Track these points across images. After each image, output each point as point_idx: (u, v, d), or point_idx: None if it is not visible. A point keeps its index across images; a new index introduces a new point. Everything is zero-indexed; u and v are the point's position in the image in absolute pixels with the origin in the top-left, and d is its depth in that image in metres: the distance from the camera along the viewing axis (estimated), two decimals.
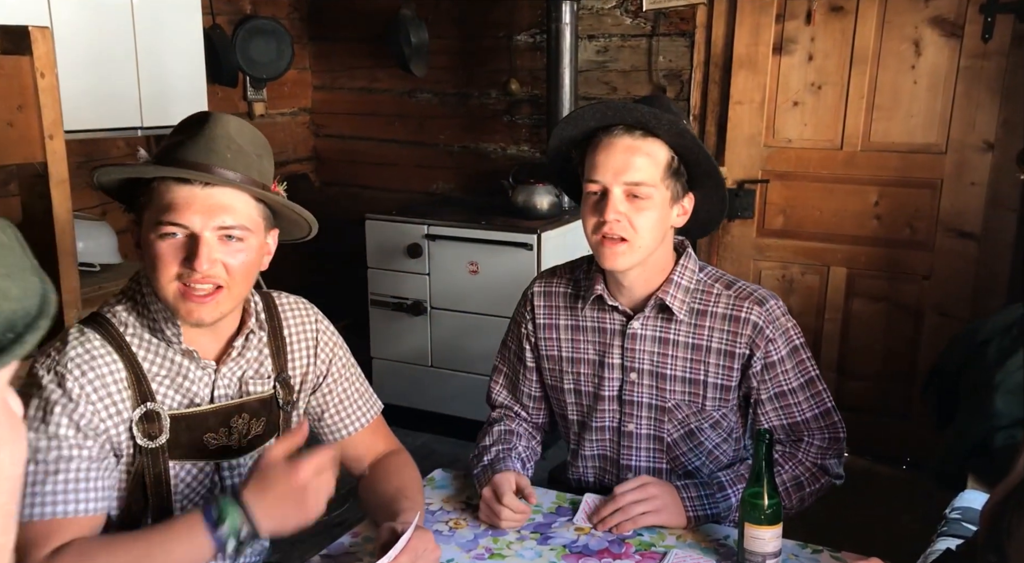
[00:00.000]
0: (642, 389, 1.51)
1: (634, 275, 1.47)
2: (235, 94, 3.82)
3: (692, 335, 1.48)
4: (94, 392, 1.16)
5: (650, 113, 1.38)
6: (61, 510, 1.12)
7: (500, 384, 1.68)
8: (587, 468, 1.61)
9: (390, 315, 3.48)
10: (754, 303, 1.46)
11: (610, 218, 1.39)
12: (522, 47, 3.68)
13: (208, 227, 1.16)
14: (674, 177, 1.43)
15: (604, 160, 1.40)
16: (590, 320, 1.54)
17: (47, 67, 1.95)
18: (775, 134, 3.26)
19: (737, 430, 1.57)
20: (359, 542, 1.37)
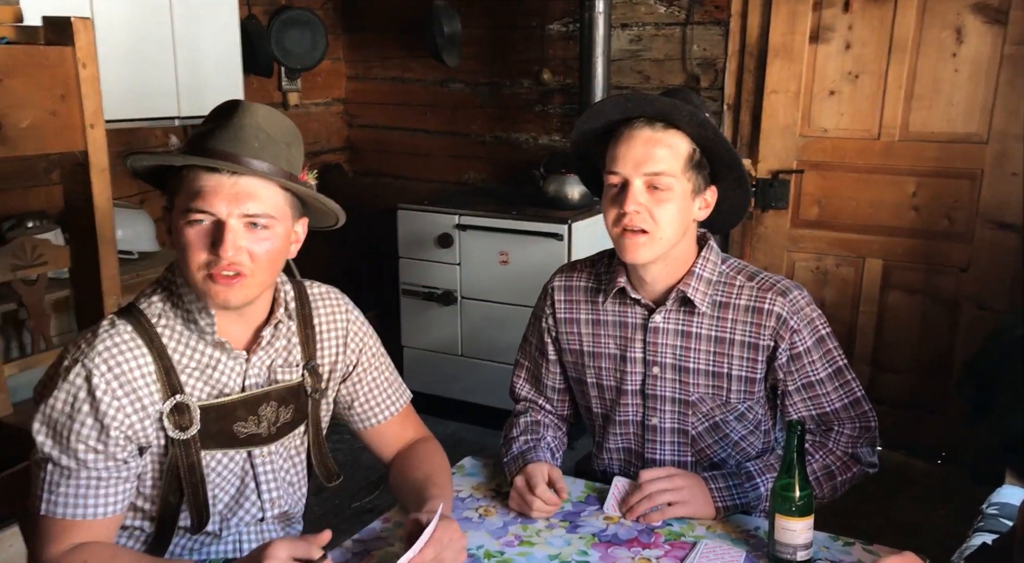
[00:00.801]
0: (665, 383, 1.51)
1: (656, 269, 1.46)
2: (270, 84, 3.86)
3: (715, 328, 1.47)
4: (120, 388, 1.18)
5: (671, 104, 1.37)
6: (72, 512, 1.17)
7: (522, 378, 1.68)
8: (612, 460, 1.62)
9: (421, 304, 3.50)
10: (777, 294, 1.45)
11: (630, 209, 1.38)
12: (555, 36, 3.67)
13: (233, 214, 1.17)
14: (696, 170, 1.41)
15: (624, 152, 1.39)
16: (611, 314, 1.54)
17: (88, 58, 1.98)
18: (810, 124, 3.22)
19: (766, 422, 1.56)
20: (390, 527, 1.38)
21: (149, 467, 1.25)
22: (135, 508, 1.28)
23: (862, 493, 1.58)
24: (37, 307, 2.64)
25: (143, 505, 1.27)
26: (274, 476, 1.35)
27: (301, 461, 1.41)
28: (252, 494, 1.34)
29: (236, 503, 1.33)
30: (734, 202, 1.51)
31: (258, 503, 1.34)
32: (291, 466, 1.39)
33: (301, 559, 1.10)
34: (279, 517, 1.39)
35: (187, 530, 1.29)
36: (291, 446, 1.38)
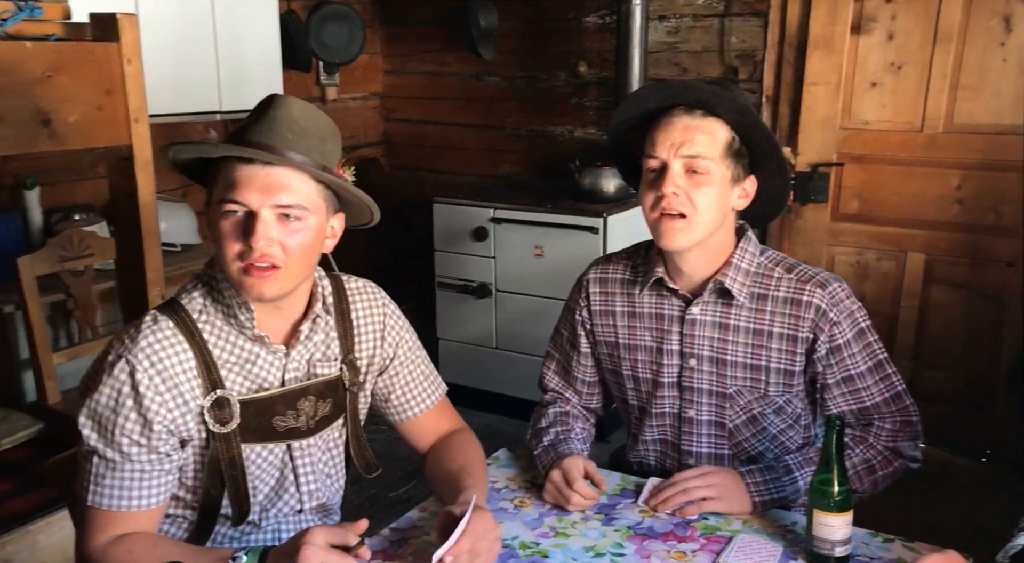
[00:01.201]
0: (702, 375, 1.50)
1: (694, 257, 1.45)
2: (309, 79, 3.90)
3: (753, 320, 1.46)
4: (162, 383, 1.21)
5: (710, 91, 1.37)
6: (116, 504, 1.21)
7: (552, 370, 1.68)
8: (648, 452, 1.61)
9: (456, 297, 3.52)
10: (816, 286, 1.43)
11: (667, 191, 1.38)
12: (591, 29, 3.65)
13: (266, 205, 1.18)
14: (735, 158, 1.40)
15: (663, 136, 1.39)
16: (647, 306, 1.53)
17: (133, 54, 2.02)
18: (851, 116, 3.16)
19: (805, 417, 1.54)
20: (426, 517, 1.40)
21: (191, 460, 1.27)
22: (178, 498, 1.30)
23: (903, 490, 1.55)
24: (84, 298, 2.71)
25: (185, 496, 1.30)
26: (312, 469, 1.37)
27: (339, 453, 1.43)
28: (291, 486, 1.36)
29: (275, 495, 1.35)
30: (773, 193, 1.49)
31: (296, 495, 1.36)
32: (329, 459, 1.40)
33: (338, 546, 1.12)
34: (317, 509, 1.41)
35: (228, 519, 1.32)
36: (329, 439, 1.39)
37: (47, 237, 2.73)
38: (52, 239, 2.61)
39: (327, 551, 1.09)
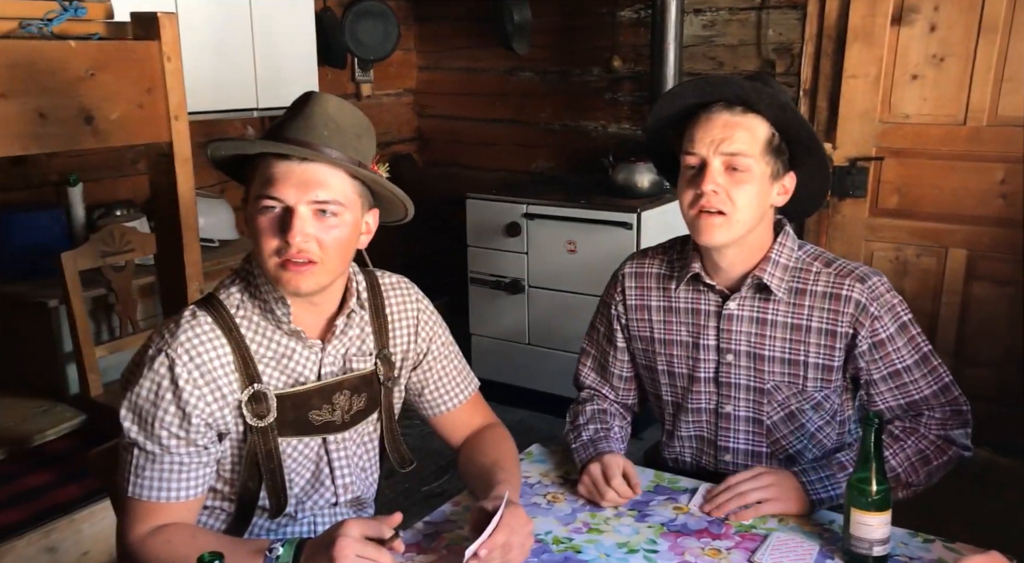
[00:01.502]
0: (739, 371, 1.49)
1: (732, 254, 1.44)
2: (343, 76, 3.93)
3: (791, 315, 1.44)
4: (201, 377, 1.23)
5: (750, 86, 1.35)
6: (156, 495, 1.23)
7: (588, 366, 1.67)
8: (684, 449, 1.60)
9: (489, 293, 3.53)
10: (855, 280, 1.42)
11: (707, 189, 1.36)
12: (625, 23, 3.63)
13: (302, 201, 1.19)
14: (774, 154, 1.39)
15: (703, 133, 1.38)
16: (683, 301, 1.52)
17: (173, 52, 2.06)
18: (891, 109, 3.11)
19: (842, 413, 1.52)
20: (459, 511, 1.40)
21: (228, 452, 1.29)
22: (215, 491, 1.33)
23: (944, 489, 1.52)
24: (125, 292, 2.76)
25: (223, 488, 1.32)
26: (347, 462, 1.38)
27: (374, 447, 1.44)
28: (327, 479, 1.37)
29: (311, 487, 1.37)
30: (813, 188, 1.47)
31: (332, 488, 1.38)
32: (364, 452, 1.42)
33: (372, 538, 1.13)
34: (352, 502, 1.42)
35: (266, 511, 1.34)
36: (364, 433, 1.41)
37: (89, 232, 2.79)
38: (94, 234, 2.66)
39: (362, 543, 1.10)
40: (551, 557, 1.27)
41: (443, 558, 1.26)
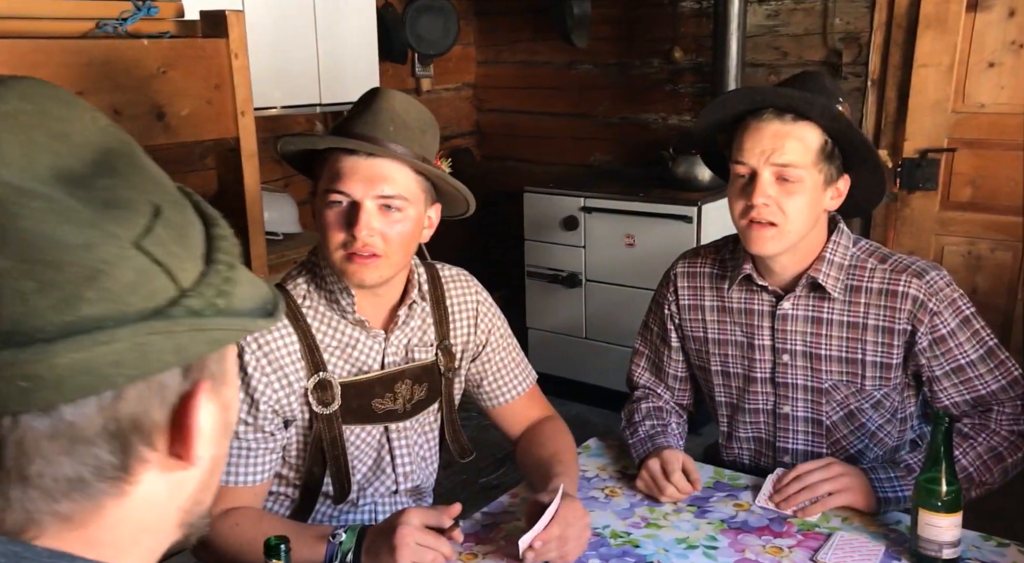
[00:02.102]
0: (796, 371, 1.46)
1: (784, 259, 1.42)
2: (404, 71, 3.97)
3: (847, 313, 1.41)
4: (268, 365, 1.26)
5: (801, 97, 1.31)
6: (224, 480, 1.26)
7: (642, 367, 1.65)
8: (742, 451, 1.58)
9: (546, 287, 3.53)
10: (912, 276, 1.38)
11: (758, 202, 1.34)
12: (687, 14, 3.58)
13: (368, 195, 1.22)
14: (827, 160, 1.36)
15: (752, 143, 1.34)
16: (736, 301, 1.49)
17: (240, 49, 2.10)
18: (965, 99, 3.00)
19: (903, 410, 1.48)
20: (517, 502, 1.41)
21: (294, 439, 1.33)
22: (281, 477, 1.36)
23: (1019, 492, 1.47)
24: None
25: (288, 474, 1.36)
26: (408, 451, 1.40)
27: (434, 437, 1.46)
28: (387, 467, 1.39)
29: (373, 475, 1.39)
30: (868, 189, 1.44)
31: (392, 476, 1.40)
32: (424, 442, 1.44)
33: (432, 527, 1.14)
34: (411, 491, 1.44)
35: (329, 497, 1.37)
36: (425, 423, 1.43)
37: None
38: None
39: (422, 531, 1.12)
40: (609, 551, 1.27)
41: (501, 549, 1.27)
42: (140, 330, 0.43)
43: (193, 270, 0.47)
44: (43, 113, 0.46)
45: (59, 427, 0.43)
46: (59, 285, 0.41)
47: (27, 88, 0.47)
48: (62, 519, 0.45)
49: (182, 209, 0.49)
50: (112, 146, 0.48)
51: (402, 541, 1.10)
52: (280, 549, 0.99)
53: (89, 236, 0.43)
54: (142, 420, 0.46)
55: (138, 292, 0.43)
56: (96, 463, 0.45)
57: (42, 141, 0.45)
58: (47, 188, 0.43)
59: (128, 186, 0.46)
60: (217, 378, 0.51)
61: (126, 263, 0.43)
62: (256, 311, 0.50)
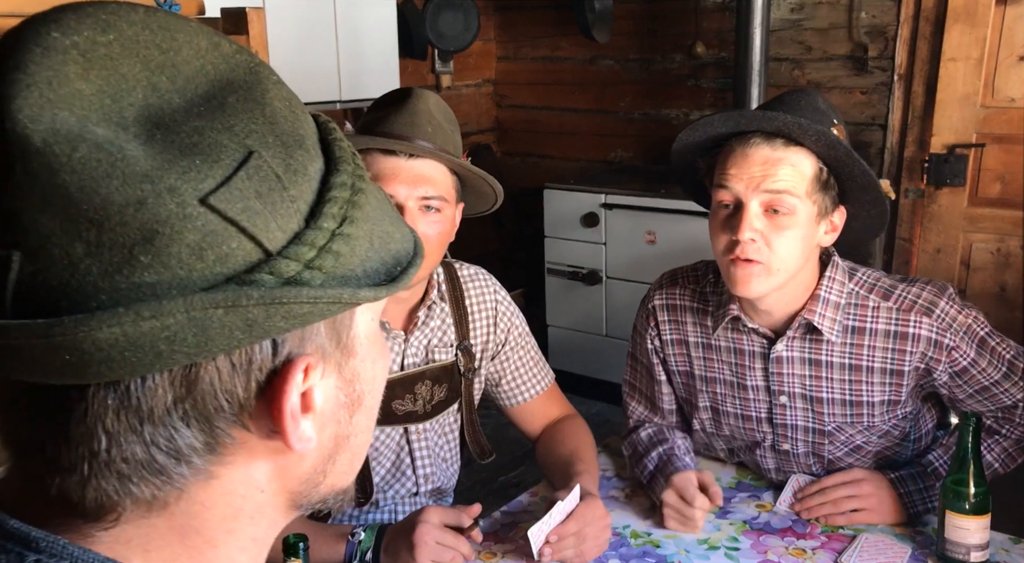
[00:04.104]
0: (795, 413, 1.35)
1: (772, 299, 1.27)
2: (424, 67, 3.97)
3: (849, 355, 1.29)
4: None
5: (793, 123, 1.16)
6: None
7: (635, 401, 1.53)
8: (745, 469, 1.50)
9: (566, 284, 3.51)
10: (921, 314, 1.25)
11: (744, 238, 1.18)
12: (709, 8, 3.54)
13: (412, 197, 1.21)
14: (822, 190, 1.21)
15: (738, 170, 1.19)
16: (724, 340, 1.36)
17: (261, 46, 2.11)
18: (994, 93, 2.94)
19: (916, 432, 1.40)
20: (536, 501, 1.40)
21: None
22: None
23: None
24: None
25: None
26: (428, 452, 1.39)
27: (454, 438, 1.45)
28: (407, 469, 1.39)
29: (392, 477, 1.39)
30: (868, 222, 1.30)
31: (413, 478, 1.39)
32: (444, 443, 1.43)
33: (452, 526, 1.14)
34: (432, 492, 1.43)
35: (353, 500, 1.36)
36: (445, 424, 1.42)
37: None
38: None
39: (441, 530, 1.11)
40: (629, 551, 1.26)
41: (520, 548, 1.26)
42: (196, 303, 0.37)
43: (286, 229, 0.40)
44: (135, 42, 0.40)
45: (124, 403, 0.39)
46: (109, 247, 0.37)
47: (114, 15, 0.40)
48: (142, 504, 0.42)
49: (291, 153, 0.42)
50: (235, 77, 0.42)
51: (421, 539, 1.10)
52: (299, 547, 0.99)
53: (142, 191, 0.37)
54: (224, 398, 0.41)
55: (205, 256, 0.38)
56: (172, 445, 0.40)
57: (133, 75, 0.39)
58: (111, 132, 0.38)
59: (224, 127, 0.40)
60: (332, 351, 0.45)
61: (188, 222, 0.37)
62: (368, 277, 0.44)
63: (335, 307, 0.42)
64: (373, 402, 0.51)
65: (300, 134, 0.43)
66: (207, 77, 0.41)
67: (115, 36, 0.39)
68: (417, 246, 0.49)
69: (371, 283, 0.44)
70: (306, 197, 0.42)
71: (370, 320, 0.49)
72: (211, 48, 0.42)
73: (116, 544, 0.43)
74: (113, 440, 0.40)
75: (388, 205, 0.49)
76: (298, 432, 0.43)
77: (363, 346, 0.48)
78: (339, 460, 0.49)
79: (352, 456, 0.50)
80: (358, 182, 0.44)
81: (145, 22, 0.40)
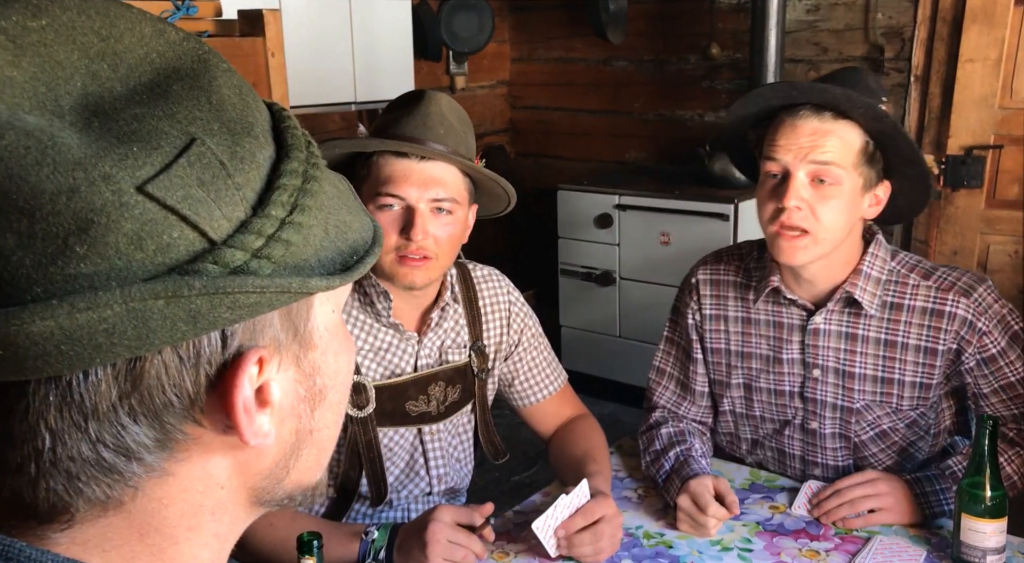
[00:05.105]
0: (826, 387, 1.38)
1: (815, 269, 1.32)
2: (438, 69, 3.98)
3: (885, 331, 1.33)
4: None
5: (843, 95, 1.21)
6: None
7: (663, 385, 1.54)
8: (767, 459, 1.51)
9: (579, 285, 3.51)
10: (959, 294, 1.29)
11: (790, 205, 1.23)
12: (724, 9, 3.53)
13: (423, 199, 1.22)
14: (868, 163, 1.26)
15: (787, 140, 1.25)
16: (763, 313, 1.41)
17: (277, 47, 2.12)
18: (1013, 94, 2.92)
19: (936, 427, 1.41)
20: (549, 501, 1.40)
21: None
22: None
23: None
24: None
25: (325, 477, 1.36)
26: (442, 453, 1.40)
27: (468, 438, 1.45)
28: (421, 469, 1.39)
29: (406, 477, 1.39)
30: (912, 198, 1.34)
31: (426, 478, 1.40)
32: (458, 443, 1.43)
33: (464, 525, 1.14)
34: (446, 492, 1.44)
35: (366, 499, 1.37)
36: (459, 424, 1.42)
37: None
38: None
39: (453, 529, 1.12)
40: (642, 551, 1.26)
41: (532, 548, 1.26)
42: (134, 293, 0.36)
43: (231, 217, 0.39)
44: (71, 28, 0.38)
45: (66, 399, 0.38)
46: (41, 238, 0.35)
47: (45, 0, 0.38)
48: (96, 503, 0.41)
49: (238, 140, 0.40)
50: (181, 65, 0.41)
51: (433, 538, 1.10)
52: (313, 545, 0.99)
53: (74, 179, 0.35)
54: (173, 393, 0.40)
55: (145, 246, 0.36)
56: (120, 442, 0.39)
57: (71, 62, 0.38)
58: (44, 120, 0.36)
59: (166, 114, 0.38)
60: (289, 344, 0.44)
61: (124, 211, 0.36)
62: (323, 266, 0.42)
63: (285, 297, 0.40)
64: (338, 397, 0.49)
65: (249, 121, 0.42)
66: (152, 65, 0.40)
67: (48, 22, 0.38)
68: (377, 236, 0.47)
69: (325, 273, 0.42)
70: (253, 185, 0.40)
71: (330, 312, 0.47)
72: (155, 35, 0.41)
73: (73, 545, 0.42)
74: (57, 438, 0.38)
75: (349, 194, 0.48)
76: (253, 427, 0.42)
77: (323, 339, 0.46)
78: (303, 455, 0.47)
79: (318, 452, 0.49)
80: (311, 170, 0.43)
81: (80, 7, 0.39)
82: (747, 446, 1.53)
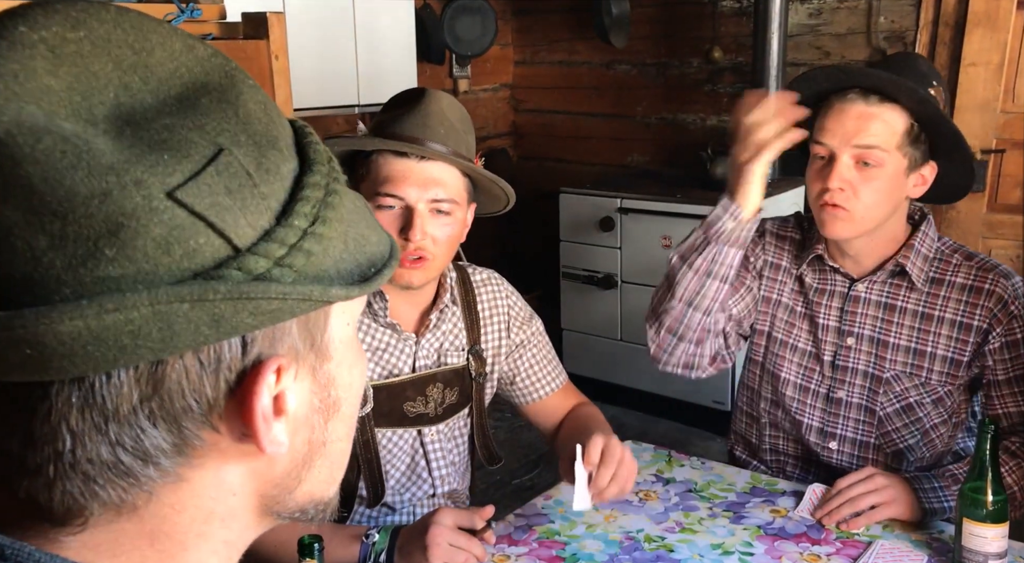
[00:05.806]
0: (859, 355, 1.44)
1: (859, 244, 1.40)
2: (442, 71, 3.99)
3: (923, 303, 1.40)
4: None
5: (888, 79, 1.28)
6: None
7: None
8: (787, 438, 1.53)
9: (581, 288, 3.51)
10: (1000, 276, 1.36)
11: (833, 186, 1.32)
12: (727, 13, 3.54)
13: (422, 199, 1.22)
14: (913, 145, 1.32)
15: (834, 124, 1.32)
16: (809, 277, 1.48)
17: (280, 50, 2.13)
18: (1015, 98, 2.92)
19: (959, 415, 1.44)
20: (551, 504, 1.41)
21: None
22: None
23: None
24: None
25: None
26: (443, 455, 1.40)
27: (464, 442, 1.45)
28: (423, 471, 1.39)
29: (408, 480, 1.39)
30: (956, 180, 1.40)
31: (429, 480, 1.40)
32: (455, 446, 1.44)
33: (465, 528, 1.14)
34: (449, 495, 1.44)
35: (364, 500, 1.37)
36: (456, 427, 1.42)
37: None
38: None
39: (454, 532, 1.12)
40: (643, 555, 1.26)
41: (534, 551, 1.26)
42: (161, 296, 0.36)
43: (256, 225, 0.40)
44: (107, 41, 0.39)
45: (88, 401, 0.38)
46: (73, 240, 0.36)
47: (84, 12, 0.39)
48: (110, 507, 0.41)
49: (264, 152, 0.41)
50: (209, 79, 0.42)
51: (434, 541, 1.10)
52: (314, 548, 1.00)
53: (107, 183, 0.36)
54: (193, 398, 0.40)
55: (172, 251, 0.37)
56: (138, 445, 0.40)
57: (105, 73, 0.39)
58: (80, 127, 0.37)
59: (195, 125, 0.40)
60: (306, 353, 0.44)
61: (154, 216, 0.37)
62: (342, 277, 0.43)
63: (305, 304, 0.41)
64: (350, 409, 0.50)
65: (273, 135, 0.43)
66: (181, 79, 0.41)
67: (85, 34, 0.39)
68: (393, 250, 0.48)
69: (344, 283, 0.43)
70: (278, 195, 0.41)
71: (346, 324, 0.48)
72: (185, 50, 0.42)
73: (84, 549, 0.42)
74: (78, 440, 0.39)
75: (365, 209, 0.49)
76: (270, 435, 0.42)
77: (338, 350, 0.47)
78: (316, 467, 0.48)
79: (332, 464, 0.49)
80: (332, 183, 0.44)
81: (116, 21, 0.40)
82: (765, 405, 1.54)
